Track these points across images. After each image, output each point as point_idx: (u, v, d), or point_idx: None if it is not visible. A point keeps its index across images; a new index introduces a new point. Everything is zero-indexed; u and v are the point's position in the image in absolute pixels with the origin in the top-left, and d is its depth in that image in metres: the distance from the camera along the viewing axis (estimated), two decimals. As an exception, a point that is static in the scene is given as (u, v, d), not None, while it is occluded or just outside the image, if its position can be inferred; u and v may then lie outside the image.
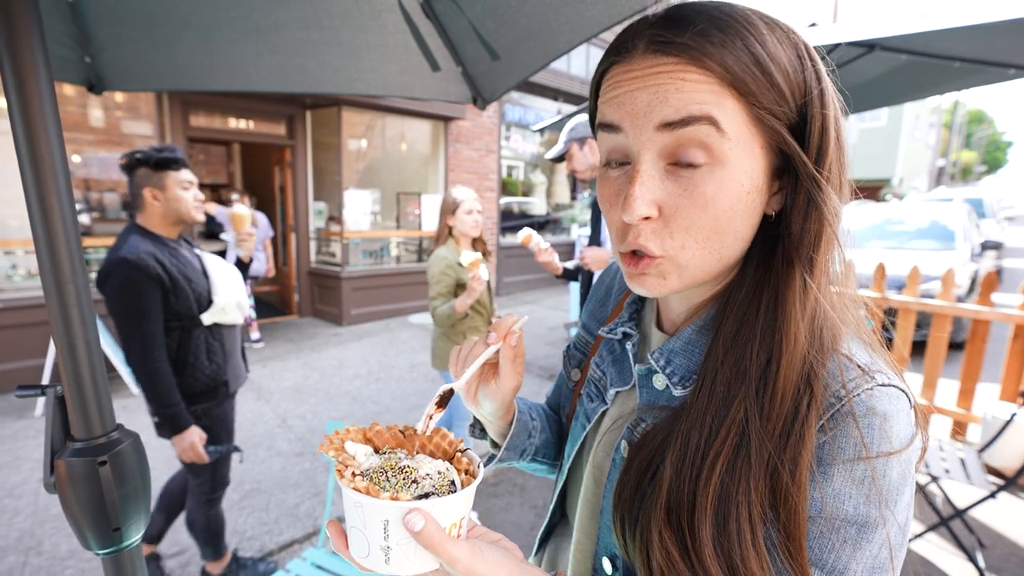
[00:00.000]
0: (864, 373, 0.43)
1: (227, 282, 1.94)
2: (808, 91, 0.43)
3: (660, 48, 0.42)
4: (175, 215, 1.80)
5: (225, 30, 1.19)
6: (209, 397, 1.90)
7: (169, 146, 1.81)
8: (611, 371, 0.63)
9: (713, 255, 0.46)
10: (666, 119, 0.42)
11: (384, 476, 0.45)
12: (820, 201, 0.44)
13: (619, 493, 0.51)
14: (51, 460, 0.57)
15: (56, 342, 0.56)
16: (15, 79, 0.51)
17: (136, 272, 1.65)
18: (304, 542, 2.45)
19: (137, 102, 4.92)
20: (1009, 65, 2.39)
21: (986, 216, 10.49)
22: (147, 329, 1.69)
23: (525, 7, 1.13)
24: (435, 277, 2.40)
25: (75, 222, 0.56)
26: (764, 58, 0.42)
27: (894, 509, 0.41)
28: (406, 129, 7.26)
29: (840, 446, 0.41)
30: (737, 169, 0.43)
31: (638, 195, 0.44)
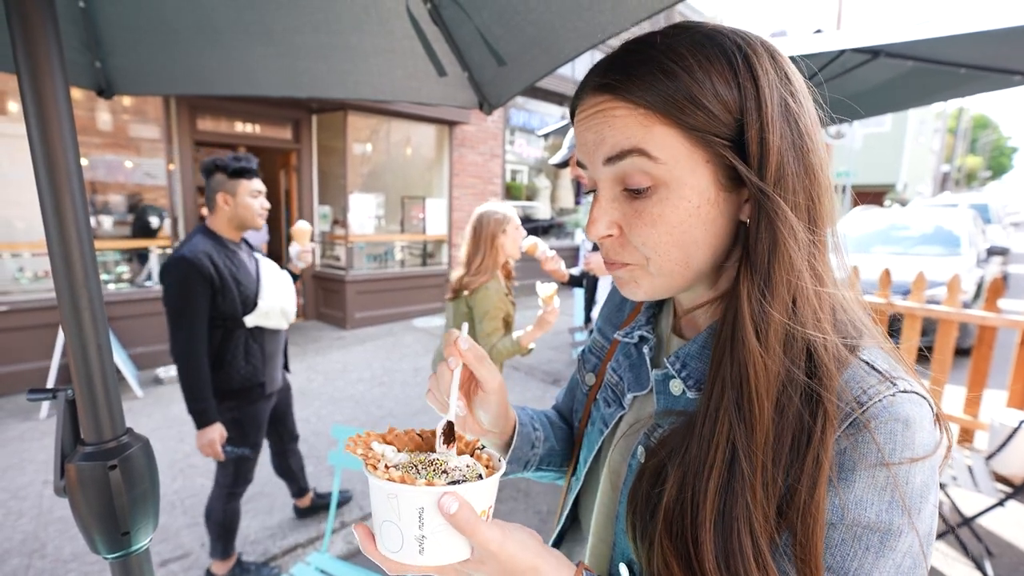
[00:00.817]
0: (885, 379, 0.43)
1: (276, 288, 2.01)
2: (743, 100, 0.45)
3: (596, 89, 0.49)
4: (240, 220, 1.93)
5: (236, 34, 1.20)
6: (243, 396, 1.96)
7: (246, 156, 1.94)
8: (628, 375, 0.63)
9: (679, 265, 0.49)
10: (606, 155, 0.48)
11: (414, 469, 0.46)
12: (769, 209, 0.45)
13: (632, 499, 0.51)
14: (61, 463, 0.57)
15: (68, 346, 0.56)
16: (32, 87, 0.52)
17: (191, 270, 1.76)
18: (308, 546, 2.45)
19: (144, 106, 4.96)
20: (1015, 72, 2.38)
21: (992, 222, 10.43)
22: (192, 325, 1.78)
23: (532, 14, 1.13)
24: (490, 313, 2.12)
25: (88, 228, 0.56)
26: (686, 82, 0.44)
27: (918, 517, 0.41)
28: (411, 133, 7.29)
29: (862, 452, 0.41)
30: (683, 186, 0.46)
31: (596, 217, 0.51)
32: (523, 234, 2.28)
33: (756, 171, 0.45)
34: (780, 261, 0.45)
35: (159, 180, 5.08)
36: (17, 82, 0.52)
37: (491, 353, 2.16)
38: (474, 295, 2.16)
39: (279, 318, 2.03)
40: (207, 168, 1.91)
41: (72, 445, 0.58)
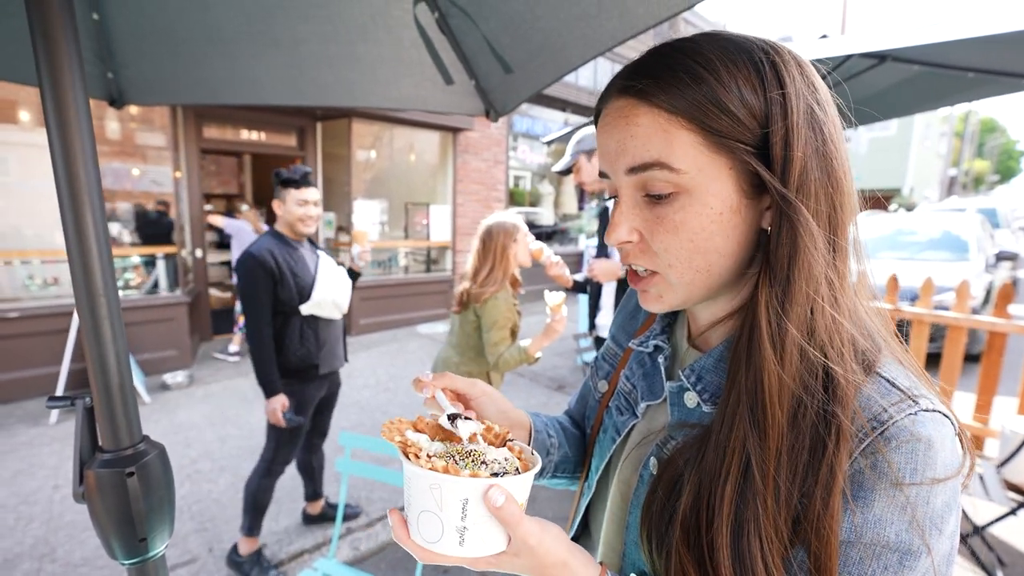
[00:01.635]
0: (907, 397, 0.42)
1: (329, 283, 2.29)
2: (769, 108, 0.45)
3: (621, 92, 0.49)
4: (289, 223, 2.23)
5: (244, 44, 1.22)
6: (298, 375, 2.26)
7: (298, 168, 2.22)
8: (641, 384, 0.63)
9: (701, 273, 0.49)
10: (626, 167, 0.48)
11: (452, 460, 0.45)
12: (791, 216, 0.44)
13: (647, 510, 0.51)
14: (80, 470, 0.58)
15: (87, 355, 0.57)
16: (54, 100, 0.53)
17: (255, 264, 2.10)
18: (314, 552, 2.45)
19: (151, 114, 5.01)
20: (1023, 76, 2.38)
21: (1000, 226, 10.37)
22: (257, 310, 2.12)
23: (540, 22, 1.14)
24: (499, 323, 2.13)
25: (107, 238, 0.57)
26: (710, 81, 0.44)
27: (938, 538, 0.40)
28: (415, 140, 7.33)
29: (882, 471, 0.40)
30: (705, 193, 0.46)
31: (617, 223, 0.50)
32: (531, 240, 2.27)
33: (779, 177, 0.45)
34: (800, 269, 0.44)
35: (166, 187, 5.13)
36: (40, 95, 0.53)
37: (498, 362, 2.15)
38: (484, 305, 2.15)
39: (331, 309, 2.30)
40: (273, 178, 2.26)
41: (90, 452, 0.59)
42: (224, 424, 3.81)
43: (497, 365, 2.16)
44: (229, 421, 3.86)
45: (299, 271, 2.21)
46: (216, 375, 4.88)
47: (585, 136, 2.42)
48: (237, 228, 5.47)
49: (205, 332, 5.87)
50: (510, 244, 2.17)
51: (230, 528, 2.59)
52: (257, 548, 2.32)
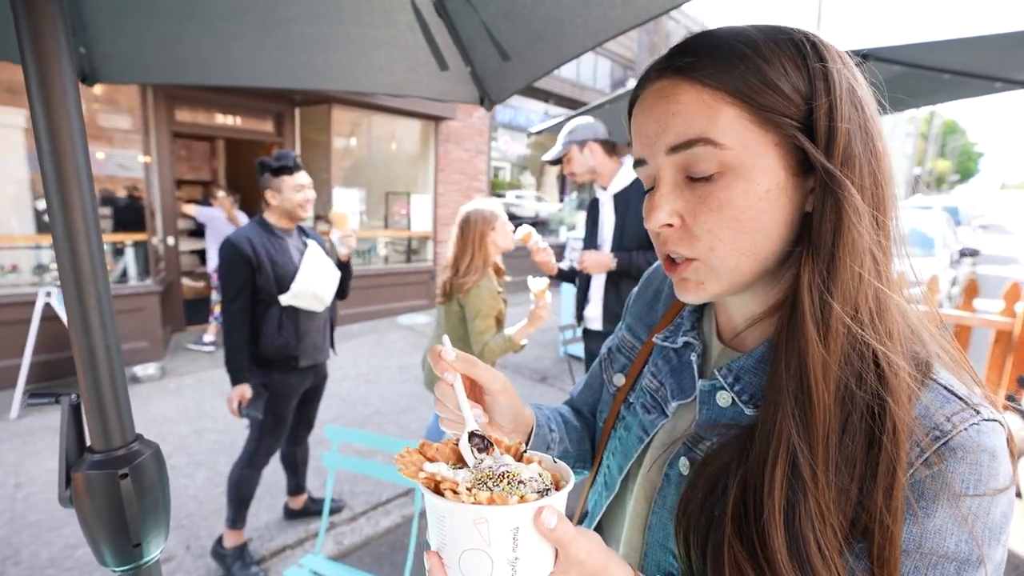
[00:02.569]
0: (967, 406, 0.42)
1: (312, 274, 2.22)
2: (812, 82, 0.44)
3: (661, 72, 0.48)
4: (286, 211, 2.20)
5: (231, 23, 1.16)
6: (275, 366, 2.21)
7: (285, 154, 2.19)
8: (670, 382, 0.61)
9: (746, 256, 0.47)
10: (669, 145, 0.47)
11: (485, 486, 0.41)
12: (835, 191, 0.43)
13: (684, 509, 0.50)
14: (67, 472, 0.54)
15: (75, 348, 0.53)
16: (38, 75, 0.48)
17: (233, 251, 2.08)
18: (296, 548, 2.40)
19: (117, 95, 4.77)
20: (996, 78, 2.45)
21: (961, 224, 10.78)
22: (231, 297, 2.10)
23: (541, 8, 1.12)
24: (483, 312, 2.11)
25: (97, 223, 0.53)
26: (753, 58, 0.44)
27: (995, 547, 0.40)
28: (396, 128, 7.20)
29: (946, 481, 0.40)
30: (751, 170, 0.45)
31: (657, 205, 0.48)
32: (511, 228, 2.25)
33: (824, 151, 0.44)
34: (844, 244, 0.43)
35: (134, 172, 4.92)
36: (23, 71, 0.49)
37: (483, 351, 2.13)
38: (467, 295, 2.14)
39: (312, 300, 2.24)
40: (257, 169, 2.21)
41: (78, 452, 0.55)
42: (199, 417, 3.70)
43: (483, 354, 2.13)
44: (205, 414, 3.75)
45: (280, 260, 2.16)
46: (190, 367, 4.74)
47: (577, 126, 2.39)
48: (210, 217, 5.30)
49: (178, 323, 5.69)
50: (488, 231, 2.16)
51: (207, 525, 2.52)
52: (242, 542, 2.28)
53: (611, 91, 10.06)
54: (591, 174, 2.39)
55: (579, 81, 9.35)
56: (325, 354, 2.41)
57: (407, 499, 2.84)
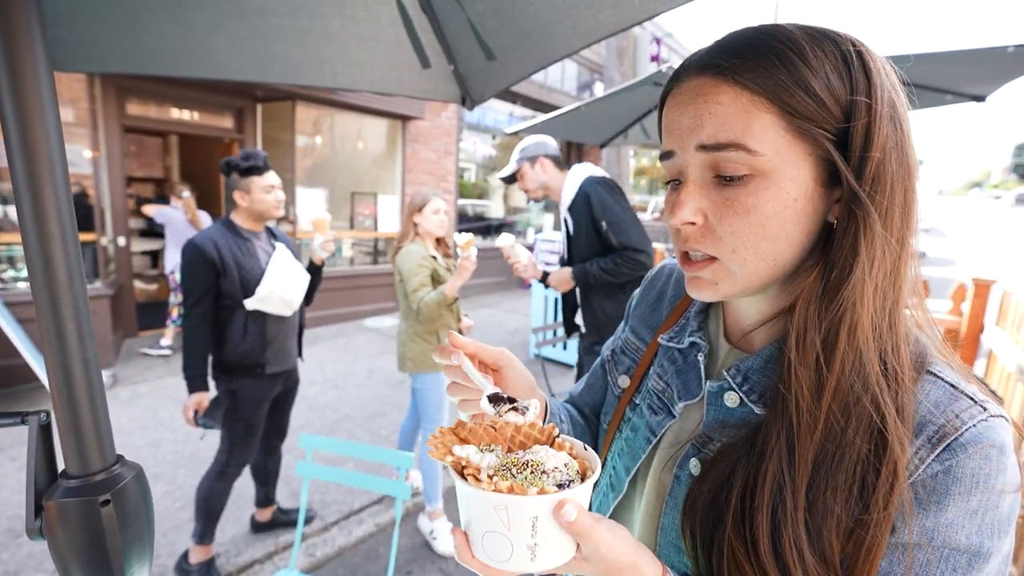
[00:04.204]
0: (975, 403, 0.43)
1: (278, 278, 2.13)
2: (853, 99, 0.44)
3: (702, 71, 0.47)
4: (258, 213, 2.12)
5: (204, 11, 1.09)
6: (240, 372, 2.12)
7: (254, 153, 2.11)
8: (676, 382, 0.61)
9: (766, 261, 0.47)
10: (700, 143, 0.46)
11: (509, 473, 0.42)
12: (858, 212, 0.44)
13: (690, 507, 0.50)
14: (36, 501, 0.49)
15: (48, 361, 0.48)
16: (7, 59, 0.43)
17: (196, 253, 2.00)
18: (265, 562, 2.30)
19: (59, 86, 4.43)
20: (947, 91, 2.59)
21: (906, 227, 11.40)
22: (193, 301, 2.01)
23: (530, 7, 1.10)
24: (412, 270, 2.34)
25: (73, 224, 0.48)
26: (799, 67, 0.43)
27: (1004, 539, 0.42)
28: (362, 127, 7.05)
29: (957, 476, 0.41)
30: (781, 177, 0.45)
31: (682, 202, 0.48)
32: (441, 218, 2.45)
33: (855, 170, 0.44)
34: (861, 266, 0.44)
35: (80, 168, 4.63)
36: (-11, 48, 0.44)
37: (421, 307, 2.30)
38: (398, 260, 2.39)
39: (279, 305, 2.16)
40: (223, 169, 2.12)
41: (48, 478, 0.50)
42: (156, 428, 3.51)
43: (420, 311, 2.31)
44: (161, 424, 3.56)
45: (246, 263, 2.08)
46: (144, 374, 4.49)
47: (528, 144, 2.46)
48: (168, 217, 5.04)
49: (130, 327, 5.39)
50: (414, 212, 2.44)
51: (167, 542, 2.39)
52: (209, 557, 2.19)
53: (578, 94, 10.16)
54: (543, 189, 2.46)
55: (547, 83, 9.39)
56: (293, 359, 2.34)
57: (380, 507, 2.76)
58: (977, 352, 3.31)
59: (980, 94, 2.59)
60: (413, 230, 2.47)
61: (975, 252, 16.64)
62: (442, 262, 2.53)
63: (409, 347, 2.46)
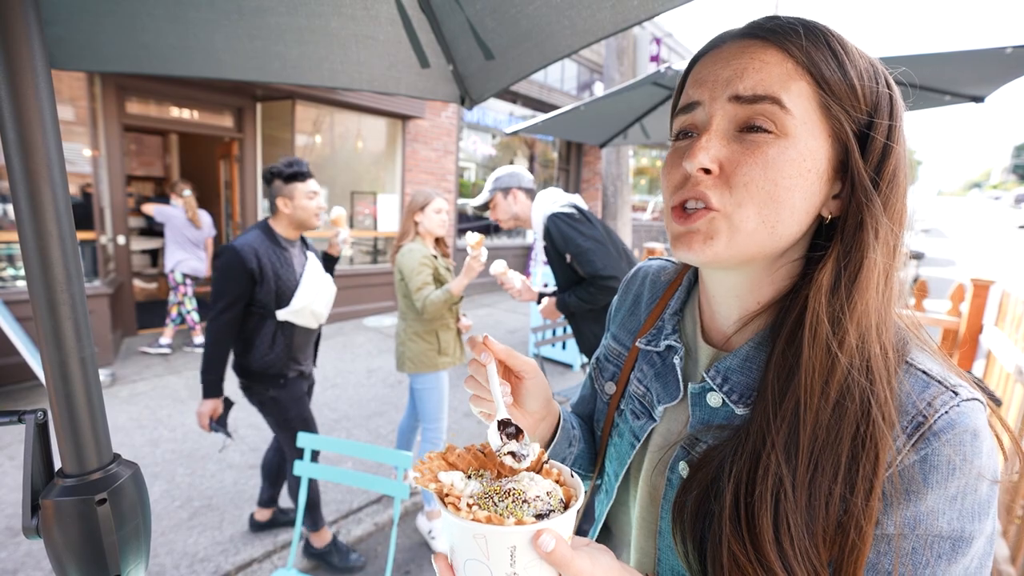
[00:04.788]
0: (946, 388, 0.43)
1: (312, 290, 2.13)
2: (879, 100, 0.46)
3: (749, 34, 0.48)
4: (299, 221, 2.10)
5: (203, 10, 1.09)
6: (268, 380, 2.12)
7: (297, 160, 2.09)
8: (655, 386, 0.61)
9: (767, 226, 0.47)
10: (738, 93, 0.46)
11: (491, 500, 0.43)
12: (870, 210, 0.45)
13: (679, 511, 0.50)
14: (33, 500, 0.49)
15: (45, 360, 0.48)
16: (5, 55, 0.43)
17: (235, 259, 1.96)
18: (264, 561, 2.30)
19: (58, 84, 4.45)
20: (946, 92, 2.59)
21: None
22: (224, 307, 1.98)
23: (529, 7, 1.10)
24: (414, 269, 2.35)
25: (71, 222, 0.48)
26: (841, 54, 0.46)
27: (985, 521, 0.42)
28: (362, 126, 7.05)
29: (933, 464, 0.41)
30: (801, 144, 0.45)
31: (704, 146, 0.47)
32: (443, 218, 2.47)
33: (873, 167, 0.46)
34: (869, 262, 0.45)
35: (80, 167, 4.63)
36: (-15, 46, 0.44)
37: (426, 305, 2.31)
38: (399, 258, 2.40)
39: (309, 318, 2.16)
40: (266, 176, 2.11)
41: (45, 477, 0.50)
42: (155, 426, 3.51)
43: (425, 308, 2.31)
44: (160, 423, 3.56)
45: (283, 274, 2.07)
46: (143, 373, 4.49)
47: (503, 175, 2.45)
48: (168, 216, 5.04)
49: (129, 326, 5.39)
50: (416, 211, 2.45)
51: (165, 540, 2.39)
52: (330, 537, 2.34)
53: (577, 94, 10.16)
54: (515, 220, 2.46)
55: (547, 83, 9.39)
56: (310, 364, 2.36)
57: (379, 506, 2.77)
58: (976, 353, 3.32)
59: (979, 95, 2.59)
60: (414, 229, 2.48)
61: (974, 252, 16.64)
62: (441, 262, 2.53)
63: (408, 347, 2.46)
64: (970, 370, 3.16)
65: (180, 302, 5.09)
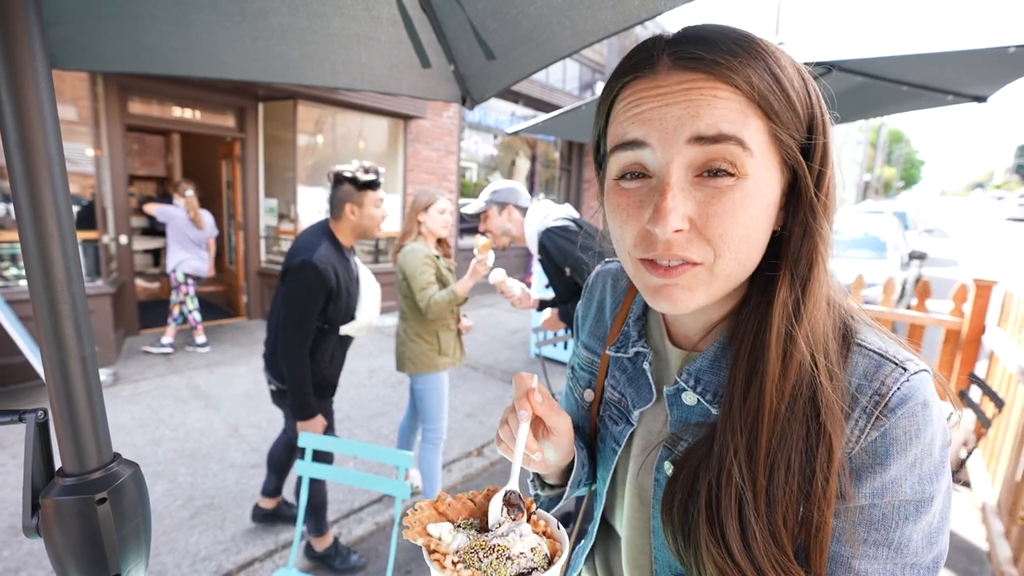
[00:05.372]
0: (896, 365, 0.45)
1: (371, 302, 2.10)
2: (812, 114, 0.47)
3: (688, 64, 0.44)
4: (363, 229, 2.04)
5: (204, 11, 1.10)
6: (320, 393, 2.08)
7: (373, 167, 2.06)
8: (629, 391, 0.62)
9: (739, 266, 0.47)
10: (698, 133, 0.43)
11: (476, 556, 0.44)
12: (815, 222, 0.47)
13: (667, 510, 0.51)
14: (33, 499, 0.49)
15: (45, 359, 0.48)
16: (5, 55, 0.43)
17: (318, 278, 1.87)
18: (265, 560, 2.31)
19: (61, 84, 4.45)
20: (948, 92, 2.58)
21: (909, 228, 11.38)
22: (305, 327, 1.90)
23: (530, 7, 1.10)
24: (417, 269, 2.35)
25: (71, 222, 0.48)
26: (782, 78, 0.44)
27: (942, 479, 0.45)
28: (364, 126, 7.06)
29: (893, 437, 0.44)
30: (760, 181, 0.45)
31: (671, 207, 0.44)
32: (446, 218, 2.46)
33: (815, 182, 0.47)
34: (817, 272, 0.47)
35: (82, 166, 4.64)
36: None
37: (430, 305, 2.29)
38: (401, 258, 2.39)
39: (365, 331, 2.15)
40: (336, 178, 2.04)
41: (45, 476, 0.50)
42: (157, 426, 3.52)
43: (429, 308, 2.30)
44: (162, 422, 3.57)
45: (352, 289, 2.04)
46: (145, 372, 4.50)
47: (500, 188, 2.43)
48: (170, 216, 5.04)
49: (131, 326, 5.40)
50: (419, 211, 2.44)
51: (167, 539, 2.40)
52: (332, 541, 2.33)
53: (579, 94, 10.16)
54: (506, 236, 2.44)
55: (548, 83, 9.39)
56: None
57: (380, 506, 2.77)
58: (978, 353, 3.30)
59: (981, 95, 2.58)
60: (416, 229, 2.48)
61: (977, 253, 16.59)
62: (443, 262, 2.53)
63: (408, 347, 2.46)
64: (973, 371, 3.15)
65: (182, 301, 5.10)
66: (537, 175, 10.09)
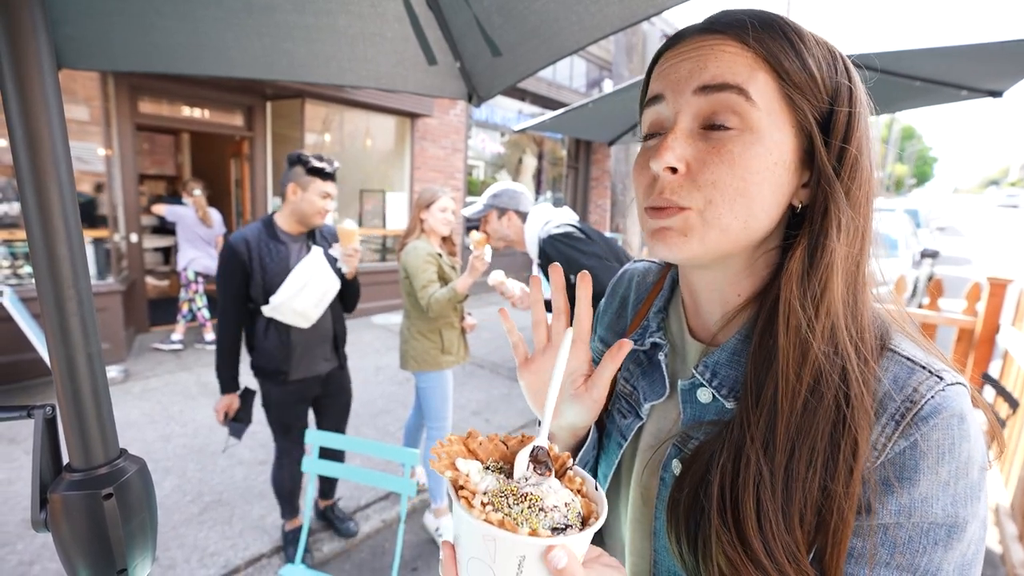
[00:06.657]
0: (931, 374, 0.43)
1: (295, 287, 2.04)
2: (838, 87, 0.46)
3: (707, 28, 0.48)
4: (301, 214, 2.06)
5: (212, 8, 1.10)
6: (266, 377, 2.13)
7: (330, 160, 2.09)
8: (642, 384, 0.61)
9: (739, 220, 0.46)
10: (703, 83, 0.46)
11: (505, 501, 0.40)
12: (834, 198, 0.46)
13: (673, 509, 0.50)
14: (41, 494, 0.49)
15: (52, 356, 0.48)
16: (11, 54, 0.43)
17: (228, 253, 1.99)
18: (273, 556, 2.32)
19: (72, 85, 4.50)
20: (963, 87, 2.54)
21: (921, 226, 11.24)
22: (223, 299, 2.02)
23: (536, 3, 1.09)
24: (419, 266, 2.35)
25: (77, 218, 0.48)
26: (798, 43, 0.46)
27: (977, 505, 0.42)
28: (371, 124, 7.07)
29: (923, 451, 0.41)
30: (767, 137, 0.45)
31: (669, 146, 0.47)
32: (448, 216, 2.46)
33: (835, 156, 0.46)
34: (832, 243, 0.45)
35: (93, 166, 4.68)
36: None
37: (430, 303, 2.30)
38: (404, 256, 2.40)
39: (292, 316, 2.08)
40: (290, 159, 2.07)
41: (54, 471, 0.50)
42: (167, 422, 3.55)
43: (431, 307, 2.30)
44: (172, 419, 3.61)
45: (272, 269, 2.02)
46: (155, 369, 4.55)
47: (502, 192, 2.38)
48: (179, 215, 5.09)
49: (142, 323, 5.46)
50: (422, 209, 2.45)
51: (176, 535, 2.42)
52: (297, 526, 2.36)
53: (586, 91, 10.12)
54: (504, 241, 2.40)
55: (555, 80, 9.36)
56: (324, 365, 2.24)
57: (386, 503, 2.78)
58: (992, 353, 3.26)
59: (997, 89, 2.53)
60: (419, 226, 2.48)
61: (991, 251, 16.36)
62: (447, 260, 2.52)
63: (412, 345, 2.46)
64: (986, 371, 3.11)
65: (191, 299, 5.15)
66: (544, 173, 10.07)
